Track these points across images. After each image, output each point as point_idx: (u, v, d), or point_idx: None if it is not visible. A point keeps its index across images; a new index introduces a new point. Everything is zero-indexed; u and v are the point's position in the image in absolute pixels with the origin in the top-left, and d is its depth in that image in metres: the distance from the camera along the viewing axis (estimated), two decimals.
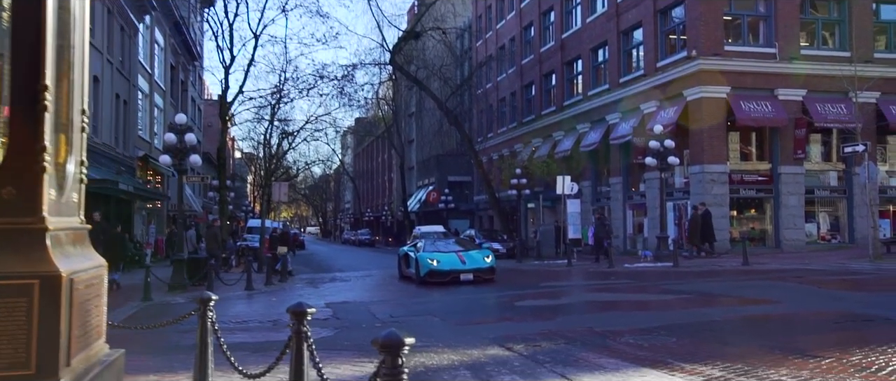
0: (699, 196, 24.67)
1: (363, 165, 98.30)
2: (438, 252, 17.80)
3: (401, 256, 19.96)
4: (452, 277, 16.72)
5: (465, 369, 6.50)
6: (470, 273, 16.86)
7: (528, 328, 9.20)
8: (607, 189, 31.74)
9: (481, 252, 18.27)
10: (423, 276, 17.06)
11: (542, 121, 37.81)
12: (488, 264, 17.31)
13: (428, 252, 17.79)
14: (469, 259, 17.32)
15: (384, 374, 2.89)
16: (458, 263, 17.11)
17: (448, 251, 17.92)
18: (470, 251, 18.12)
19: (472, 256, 17.61)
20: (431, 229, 30.39)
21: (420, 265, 17.26)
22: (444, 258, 17.30)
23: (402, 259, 19.68)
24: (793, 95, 24.95)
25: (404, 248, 20.37)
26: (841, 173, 26.33)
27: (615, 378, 5.82)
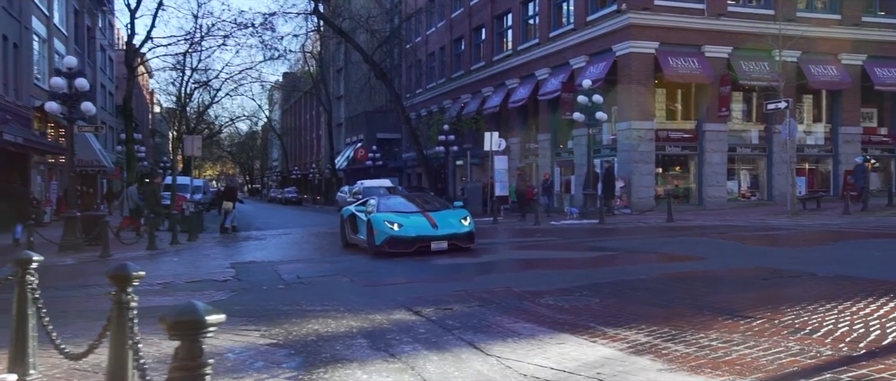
0: (626, 153, 24.50)
1: (291, 122, 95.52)
2: (399, 213, 13.67)
3: (344, 218, 15.39)
4: (420, 246, 12.65)
5: (363, 337, 5.70)
6: (444, 241, 12.78)
7: (442, 289, 8.47)
8: (535, 146, 31.35)
9: (455, 213, 13.92)
10: (379, 245, 12.83)
11: (472, 76, 36.98)
12: (467, 229, 13.20)
13: (385, 213, 13.55)
14: (441, 222, 13.16)
15: (178, 366, 2.00)
16: (427, 227, 12.96)
17: (411, 211, 13.93)
18: (440, 212, 13.89)
19: (444, 218, 13.40)
20: (377, 183, 27.56)
21: (375, 231, 13.00)
22: (409, 222, 13.10)
23: (346, 222, 15.21)
24: (719, 53, 24.90)
25: (350, 208, 15.62)
26: (762, 132, 26.65)
27: (529, 346, 5.12)
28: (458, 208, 14.88)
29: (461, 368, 4.60)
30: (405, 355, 5.02)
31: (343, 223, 15.58)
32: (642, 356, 4.66)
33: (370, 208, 14.12)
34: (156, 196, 20.89)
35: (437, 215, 13.51)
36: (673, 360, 4.54)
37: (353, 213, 14.91)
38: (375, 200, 15.00)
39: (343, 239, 15.56)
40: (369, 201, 15.28)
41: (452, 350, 5.09)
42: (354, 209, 15.13)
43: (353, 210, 15.06)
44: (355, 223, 14.63)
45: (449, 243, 12.85)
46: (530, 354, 4.88)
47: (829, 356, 4.50)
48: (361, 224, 14.09)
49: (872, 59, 26.76)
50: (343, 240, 15.55)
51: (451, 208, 14.56)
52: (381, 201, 14.71)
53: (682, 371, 4.27)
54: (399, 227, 12.84)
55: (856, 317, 5.65)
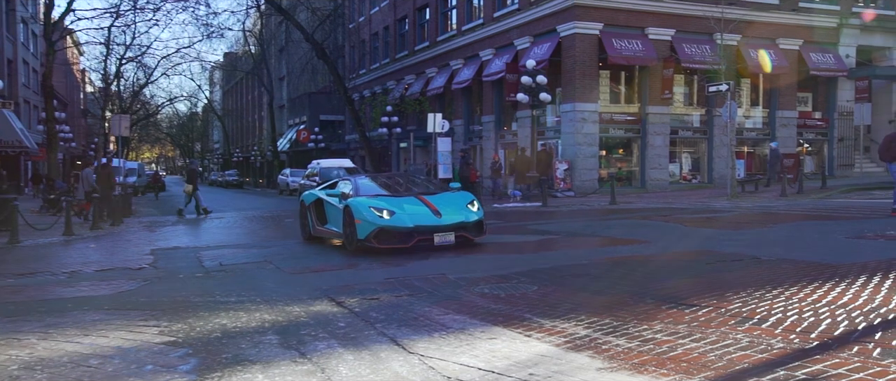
0: (570, 135, 24.30)
1: (232, 104, 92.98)
2: (386, 197, 10.72)
3: (306, 205, 12.49)
4: (420, 239, 9.80)
5: (275, 333, 5.09)
6: (450, 232, 9.97)
7: (372, 275, 7.91)
8: (480, 128, 30.93)
9: (458, 196, 10.97)
10: (364, 238, 9.92)
11: (416, 57, 36.29)
12: (476, 216, 10.42)
13: (368, 197, 10.59)
14: (445, 208, 10.29)
15: None
16: (428, 215, 10.05)
17: (401, 195, 10.99)
18: (439, 195, 10.96)
19: (446, 203, 10.52)
20: (336, 163, 24.16)
21: (357, 220, 10.04)
22: (403, 208, 10.14)
23: (310, 210, 12.30)
24: (662, 35, 24.87)
25: (314, 192, 12.69)
26: (703, 115, 26.84)
27: (457, 342, 4.61)
28: (458, 190, 11.75)
29: (378, 369, 4.06)
30: (318, 354, 4.44)
31: (305, 212, 12.50)
32: (581, 353, 4.20)
33: (346, 191, 11.04)
34: (110, 179, 20.33)
35: (436, 200, 10.56)
36: (614, 357, 4.09)
37: (320, 198, 11.92)
38: (352, 180, 11.68)
39: (304, 231, 12.65)
40: (341, 181, 12.18)
41: (371, 348, 4.54)
42: (321, 194, 12.05)
43: (320, 195, 12.05)
44: (323, 212, 11.84)
45: (457, 235, 9.99)
46: (457, 351, 4.37)
47: (781, 349, 4.12)
48: (334, 213, 11.21)
49: (808, 45, 27.20)
50: (304, 232, 12.63)
51: (451, 191, 11.43)
52: (359, 182, 11.49)
53: (623, 370, 3.82)
54: (390, 215, 9.82)
55: (804, 304, 5.33)
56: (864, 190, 21.02)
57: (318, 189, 12.81)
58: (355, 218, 10.06)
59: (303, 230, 12.83)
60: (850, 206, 15.77)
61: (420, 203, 10.41)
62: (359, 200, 10.44)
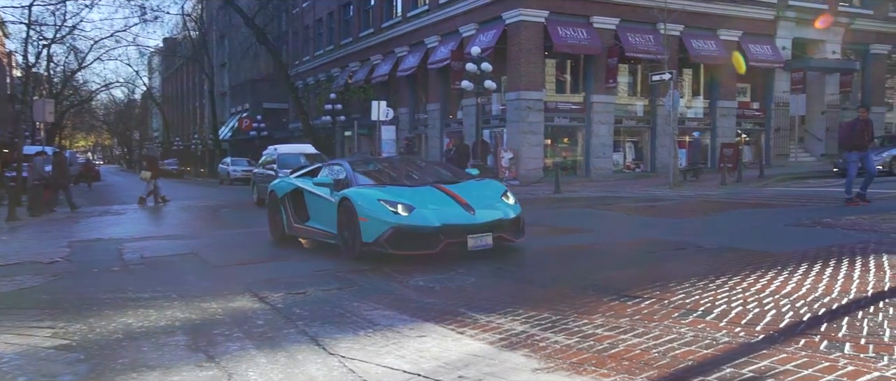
0: (516, 124, 24.13)
1: (172, 90, 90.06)
2: (401, 188, 8.30)
3: (278, 197, 9.97)
4: (450, 243, 7.38)
5: (185, 333, 4.62)
6: (487, 233, 7.55)
7: (302, 268, 7.45)
8: (425, 116, 30.54)
9: (487, 185, 8.74)
10: (374, 241, 7.47)
11: (361, 43, 35.59)
12: (516, 212, 8.10)
13: (374, 187, 8.31)
14: (476, 201, 7.89)
15: None
16: (458, 211, 7.66)
17: (415, 184, 8.53)
18: (464, 185, 8.55)
19: (475, 194, 8.14)
20: (295, 148, 20.75)
21: (363, 218, 7.60)
22: (423, 202, 7.71)
23: (284, 204, 9.77)
24: (607, 24, 24.88)
25: (288, 180, 10.23)
26: (647, 105, 27.03)
27: (383, 341, 4.23)
28: (482, 177, 9.56)
29: (291, 374, 3.65)
30: (227, 356, 4.00)
31: (277, 206, 9.94)
32: (516, 352, 3.87)
33: (342, 179, 8.64)
34: (63, 167, 19.81)
35: (461, 190, 8.14)
36: (551, 355, 3.77)
37: (299, 189, 9.50)
38: (344, 165, 9.08)
39: (276, 229, 10.06)
40: (326, 167, 9.73)
41: (288, 349, 4.12)
42: (301, 183, 9.57)
43: (299, 184, 9.59)
44: (303, 205, 9.39)
45: (495, 236, 7.60)
46: (382, 351, 3.99)
47: (726, 344, 3.88)
48: (321, 207, 8.77)
49: (747, 36, 27.66)
50: (276, 230, 10.06)
51: (474, 179, 9.06)
52: (349, 169, 8.85)
53: (560, 371, 3.50)
54: (408, 211, 7.43)
55: (748, 294, 5.14)
56: (799, 179, 21.48)
57: (293, 177, 10.22)
58: (359, 215, 7.55)
59: (273, 228, 10.17)
60: (787, 194, 16.00)
61: (443, 195, 7.94)
62: (362, 191, 8.00)
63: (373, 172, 9.20)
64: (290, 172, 11.07)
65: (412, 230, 7.36)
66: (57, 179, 18.87)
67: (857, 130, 11.78)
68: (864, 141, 11.86)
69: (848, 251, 6.98)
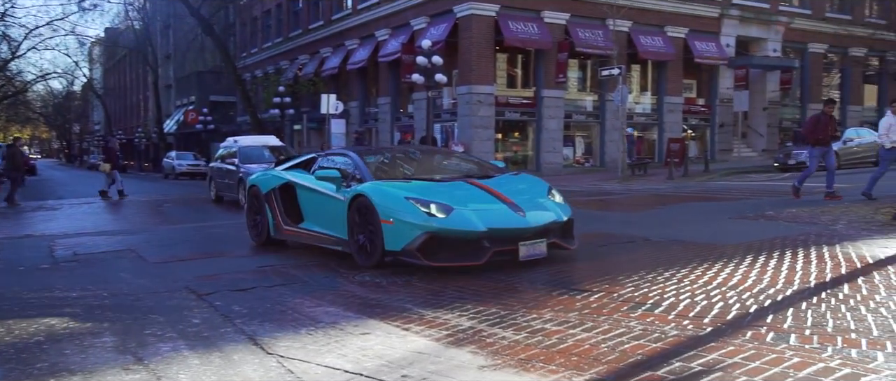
0: (467, 118, 24.08)
1: (114, 82, 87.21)
2: (428, 183, 6.83)
3: (263, 193, 8.32)
4: (499, 252, 6.09)
5: (114, 333, 4.35)
6: (541, 239, 6.27)
7: (245, 264, 7.19)
8: (376, 110, 30.24)
9: (526, 180, 7.41)
10: (403, 248, 6.05)
11: (310, 36, 35.04)
12: (568, 213, 6.76)
13: (397, 183, 6.78)
14: (527, 203, 6.55)
15: None
16: (505, 212, 6.32)
17: (448, 179, 7.12)
18: (501, 179, 7.19)
19: (518, 191, 6.81)
20: (257, 140, 19.29)
21: (387, 220, 6.16)
22: (463, 201, 6.36)
23: (270, 200, 8.19)
24: (557, 19, 25.02)
25: (277, 173, 8.47)
26: (596, 100, 27.31)
27: (325, 339, 4.06)
28: (516, 172, 7.99)
29: (226, 375, 3.45)
30: (158, 358, 3.77)
31: (259, 204, 8.35)
32: (462, 348, 3.75)
33: (348, 173, 7.17)
34: (15, 160, 19.19)
35: (501, 187, 6.79)
36: (499, 351, 3.66)
37: (290, 183, 7.95)
38: (351, 155, 7.56)
39: (259, 232, 8.41)
40: (324, 157, 8.17)
41: (224, 349, 3.91)
42: (293, 176, 7.99)
43: (290, 178, 7.99)
44: (295, 203, 7.86)
45: (548, 240, 6.34)
46: (324, 350, 3.82)
47: (675, 337, 3.83)
48: (322, 205, 7.28)
49: (694, 33, 28.20)
50: (259, 233, 8.40)
51: (510, 173, 7.73)
52: (364, 159, 7.39)
53: (508, 368, 3.39)
54: (446, 212, 6.02)
55: (695, 287, 5.13)
56: (742, 173, 22.00)
57: (280, 169, 8.52)
58: (381, 216, 6.13)
59: (255, 231, 8.54)
60: (732, 188, 16.34)
61: (482, 192, 6.59)
62: (382, 186, 6.52)
63: (387, 164, 7.65)
64: (274, 165, 9.18)
65: (452, 236, 5.93)
66: (8, 173, 18.51)
67: (822, 125, 11.92)
68: (828, 136, 12.00)
69: (790, 243, 7.09)
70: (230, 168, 16.38)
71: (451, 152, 11.44)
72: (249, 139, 19.57)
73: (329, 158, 8.03)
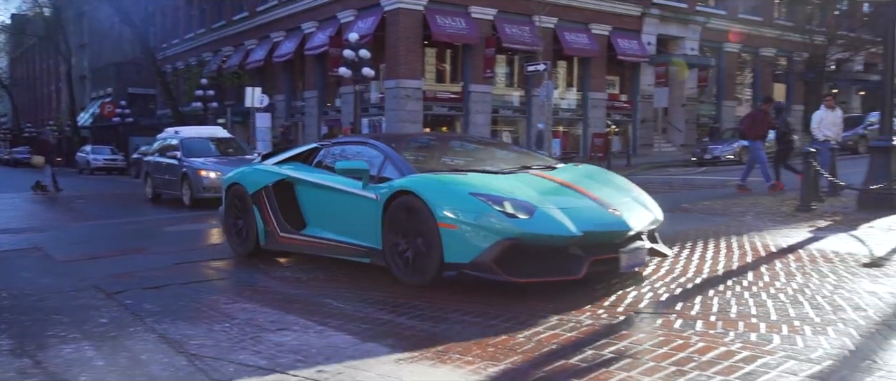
0: (394, 112, 24.01)
1: (23, 72, 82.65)
2: (487, 175, 5.43)
3: (250, 194, 6.64)
4: (598, 260, 4.79)
5: (10, 337, 4.12)
6: (641, 245, 5.14)
7: (161, 261, 6.92)
8: (302, 104, 29.77)
9: (597, 172, 6.15)
10: (470, 262, 4.71)
11: (234, 27, 34.17)
12: (658, 211, 5.57)
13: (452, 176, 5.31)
14: (612, 198, 5.26)
15: None
16: (598, 212, 5.01)
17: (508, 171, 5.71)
18: (568, 169, 6.08)
19: (597, 185, 5.52)
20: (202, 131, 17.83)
21: (449, 224, 4.75)
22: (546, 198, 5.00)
23: (261, 202, 6.54)
24: (484, 14, 25.22)
25: (267, 168, 6.82)
26: (523, 95, 27.72)
27: (240, 337, 3.96)
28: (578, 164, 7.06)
29: (133, 376, 3.32)
30: (59, 361, 3.59)
31: (244, 206, 6.73)
32: (380, 342, 3.73)
33: (368, 168, 5.60)
34: None
35: (577, 179, 5.60)
36: (417, 344, 3.66)
37: (289, 180, 6.40)
38: (382, 144, 6.01)
39: (245, 240, 6.72)
40: (337, 147, 6.62)
41: (132, 349, 3.76)
42: (293, 172, 6.44)
43: (290, 174, 6.42)
44: (296, 205, 6.34)
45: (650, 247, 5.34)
46: (238, 347, 3.73)
47: (589, 326, 3.93)
48: (345, 207, 5.78)
49: (617, 31, 28.97)
50: (245, 242, 6.72)
51: (572, 164, 6.70)
52: (391, 147, 5.96)
53: (425, 361, 3.40)
54: (526, 212, 4.73)
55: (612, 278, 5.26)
56: (662, 167, 22.78)
57: (270, 163, 6.91)
58: (438, 219, 4.78)
59: (238, 238, 6.81)
60: (652, 182, 16.88)
61: (558, 186, 5.34)
62: (438, 181, 5.11)
63: (423, 154, 6.37)
64: (259, 158, 7.51)
65: (537, 243, 4.64)
66: None
67: (758, 121, 12.36)
68: (765, 131, 12.43)
69: (703, 234, 7.37)
70: (171, 163, 14.71)
71: (484, 139, 9.81)
72: (193, 130, 17.90)
73: (340, 148, 6.52)
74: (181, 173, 14.13)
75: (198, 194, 13.33)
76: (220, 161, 14.13)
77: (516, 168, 5.84)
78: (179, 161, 14.44)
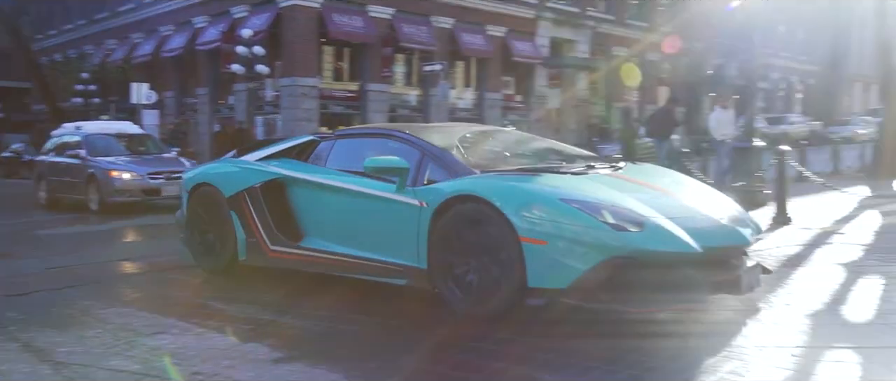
0: (290, 110, 23.61)
1: None
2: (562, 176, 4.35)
3: (231, 198, 5.33)
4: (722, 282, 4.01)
5: None
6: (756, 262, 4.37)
7: (31, 266, 6.54)
8: (194, 101, 28.68)
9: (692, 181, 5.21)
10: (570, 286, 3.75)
11: (119, 19, 32.43)
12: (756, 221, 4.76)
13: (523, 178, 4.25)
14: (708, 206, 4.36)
15: None
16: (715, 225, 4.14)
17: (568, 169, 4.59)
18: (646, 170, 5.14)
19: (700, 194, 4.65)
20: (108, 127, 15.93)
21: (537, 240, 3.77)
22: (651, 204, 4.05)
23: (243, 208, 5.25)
24: (382, 13, 25.19)
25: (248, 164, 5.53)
26: (420, 95, 27.88)
27: (112, 342, 3.84)
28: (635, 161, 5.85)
29: None
30: None
31: (218, 212, 5.44)
32: (261, 342, 3.72)
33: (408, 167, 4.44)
34: None
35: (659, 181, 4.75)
36: (297, 344, 3.68)
37: (282, 180, 5.21)
38: (416, 138, 4.77)
39: (220, 252, 5.45)
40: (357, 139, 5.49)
41: None
42: (289, 171, 5.20)
43: (286, 173, 5.20)
44: (291, 211, 5.15)
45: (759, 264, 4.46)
46: (110, 352, 3.62)
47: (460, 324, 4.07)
48: (371, 214, 4.66)
49: (512, 33, 29.67)
50: (219, 255, 5.46)
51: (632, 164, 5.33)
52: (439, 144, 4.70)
53: (304, 359, 3.42)
54: (634, 224, 3.81)
55: None
56: None
57: (253, 159, 5.58)
58: (520, 234, 3.82)
59: (206, 253, 5.58)
60: None
61: (655, 192, 4.42)
62: (519, 184, 4.18)
63: (470, 147, 4.90)
64: (234, 153, 6.11)
65: (652, 262, 3.80)
66: None
67: (663, 120, 12.83)
68: (670, 130, 12.92)
69: None
70: (72, 163, 12.98)
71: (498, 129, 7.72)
72: (96, 125, 15.89)
73: (351, 142, 5.30)
74: (87, 175, 12.45)
75: (109, 199, 11.84)
76: (134, 160, 12.71)
77: (582, 166, 4.75)
78: (83, 161, 12.75)
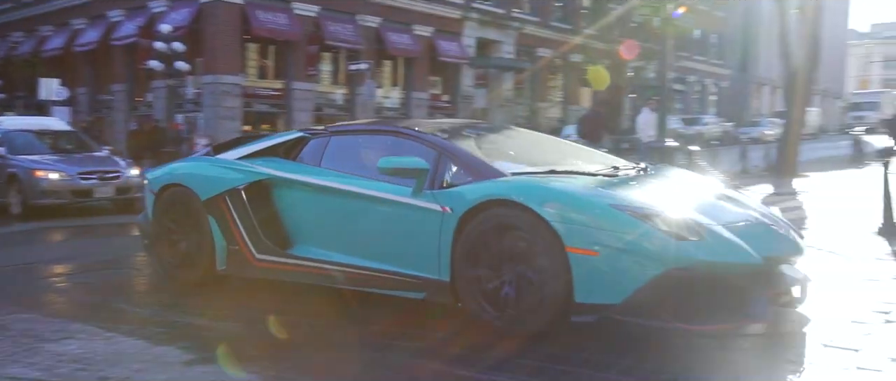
0: (212, 108, 23.03)
1: None
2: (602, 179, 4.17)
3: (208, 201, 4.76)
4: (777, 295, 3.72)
5: None
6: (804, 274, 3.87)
7: None
8: (109, 98, 27.56)
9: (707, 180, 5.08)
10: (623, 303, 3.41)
11: (25, 11, 30.83)
12: None
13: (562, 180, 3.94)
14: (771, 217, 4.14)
15: None
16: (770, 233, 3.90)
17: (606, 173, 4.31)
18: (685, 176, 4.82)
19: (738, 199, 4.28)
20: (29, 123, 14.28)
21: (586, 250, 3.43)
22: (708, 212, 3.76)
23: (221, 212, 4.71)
24: (307, 11, 24.88)
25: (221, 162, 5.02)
26: (346, 93, 27.68)
27: (12, 349, 3.68)
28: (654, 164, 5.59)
29: None
30: None
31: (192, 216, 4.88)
32: (173, 345, 3.65)
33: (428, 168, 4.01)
34: None
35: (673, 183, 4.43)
36: (209, 345, 3.62)
37: (268, 181, 4.70)
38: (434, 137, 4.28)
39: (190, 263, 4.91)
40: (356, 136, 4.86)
41: None
42: (278, 171, 4.69)
43: (273, 173, 4.69)
44: (277, 216, 4.65)
45: None
46: (9, 360, 3.46)
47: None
48: (380, 220, 4.22)
49: (438, 33, 29.83)
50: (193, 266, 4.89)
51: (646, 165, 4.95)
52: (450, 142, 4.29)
53: (216, 361, 3.38)
54: (696, 234, 3.49)
55: None
56: None
57: (233, 157, 5.04)
58: (567, 243, 3.46)
59: (177, 263, 5.02)
60: None
61: (692, 195, 4.15)
62: (565, 187, 3.79)
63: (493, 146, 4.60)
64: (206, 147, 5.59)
65: (713, 274, 3.46)
66: None
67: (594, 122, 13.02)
68: (600, 132, 13.10)
69: None
70: None
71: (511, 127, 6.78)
72: (19, 121, 14.53)
73: (350, 140, 4.80)
74: (7, 175, 11.44)
75: (33, 201, 10.90)
76: (61, 159, 11.75)
77: (612, 169, 4.42)
78: (3, 160, 11.69)
